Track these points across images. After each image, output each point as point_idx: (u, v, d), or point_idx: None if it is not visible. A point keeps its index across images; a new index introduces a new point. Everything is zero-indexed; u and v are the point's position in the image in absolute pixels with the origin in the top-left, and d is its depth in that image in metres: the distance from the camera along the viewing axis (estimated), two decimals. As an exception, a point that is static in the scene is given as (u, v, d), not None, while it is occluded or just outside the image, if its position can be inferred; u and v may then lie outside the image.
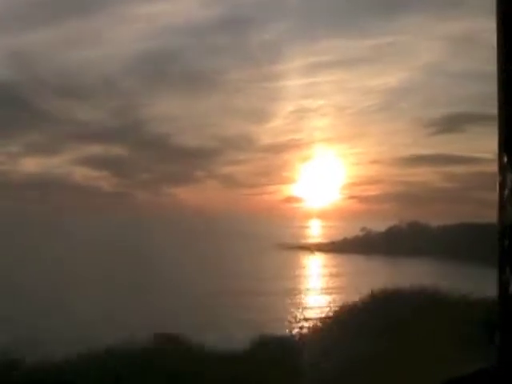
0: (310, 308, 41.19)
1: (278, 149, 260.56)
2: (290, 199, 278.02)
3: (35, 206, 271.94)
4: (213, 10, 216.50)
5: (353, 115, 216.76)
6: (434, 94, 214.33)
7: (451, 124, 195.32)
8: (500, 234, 1.50)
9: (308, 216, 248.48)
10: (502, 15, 1.39)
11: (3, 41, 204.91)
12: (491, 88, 1.49)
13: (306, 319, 33.59)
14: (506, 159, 1.43)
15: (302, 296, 47.91)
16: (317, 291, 50.64)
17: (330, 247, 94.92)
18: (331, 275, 60.29)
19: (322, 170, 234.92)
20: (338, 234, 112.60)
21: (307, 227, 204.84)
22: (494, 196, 1.50)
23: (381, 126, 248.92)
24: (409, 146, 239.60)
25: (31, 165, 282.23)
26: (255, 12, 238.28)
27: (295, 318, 35.96)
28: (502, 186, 1.46)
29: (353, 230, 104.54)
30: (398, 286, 25.79)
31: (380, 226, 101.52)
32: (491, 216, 1.66)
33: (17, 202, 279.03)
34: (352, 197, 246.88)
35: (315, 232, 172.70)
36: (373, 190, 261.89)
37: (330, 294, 47.55)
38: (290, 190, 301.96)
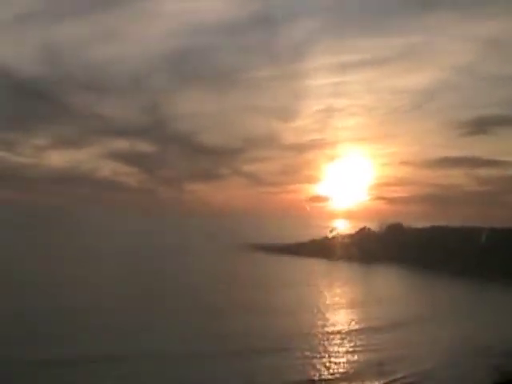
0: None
1: (303, 148, 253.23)
2: (314, 198, 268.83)
3: (61, 199, 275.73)
4: (242, 8, 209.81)
5: (382, 115, 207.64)
6: (465, 95, 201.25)
7: (482, 126, 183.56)
8: None
9: (333, 216, 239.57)
10: None
11: (32, 36, 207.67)
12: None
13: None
14: None
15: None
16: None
17: (295, 249, 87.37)
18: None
19: (348, 169, 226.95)
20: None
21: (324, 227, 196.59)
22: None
23: (410, 127, 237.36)
24: (439, 148, 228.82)
25: (58, 158, 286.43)
26: (284, 10, 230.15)
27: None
28: None
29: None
30: None
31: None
32: None
33: (43, 196, 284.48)
34: (380, 198, 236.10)
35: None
36: (401, 192, 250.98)
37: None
38: (315, 189, 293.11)
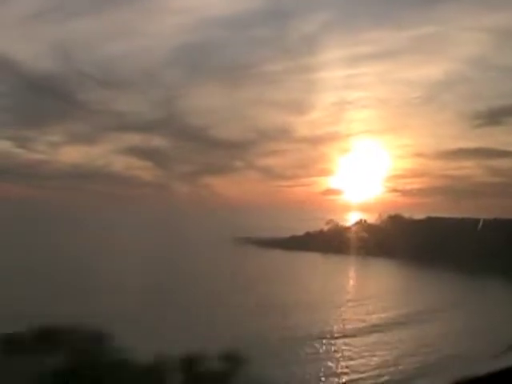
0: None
1: (316, 140, 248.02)
2: (328, 191, 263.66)
3: (75, 195, 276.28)
4: (253, 2, 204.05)
5: (395, 107, 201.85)
6: (479, 86, 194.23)
7: (496, 117, 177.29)
8: None
9: (347, 209, 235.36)
10: None
11: (45, 33, 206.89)
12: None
13: None
14: None
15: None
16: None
17: (288, 243, 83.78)
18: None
19: (362, 162, 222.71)
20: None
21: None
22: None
23: (424, 119, 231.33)
24: (453, 139, 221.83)
25: (72, 154, 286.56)
26: (295, 3, 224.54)
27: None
28: None
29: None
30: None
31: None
32: None
33: (57, 192, 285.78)
34: (395, 190, 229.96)
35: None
36: (416, 184, 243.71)
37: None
38: (329, 182, 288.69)
